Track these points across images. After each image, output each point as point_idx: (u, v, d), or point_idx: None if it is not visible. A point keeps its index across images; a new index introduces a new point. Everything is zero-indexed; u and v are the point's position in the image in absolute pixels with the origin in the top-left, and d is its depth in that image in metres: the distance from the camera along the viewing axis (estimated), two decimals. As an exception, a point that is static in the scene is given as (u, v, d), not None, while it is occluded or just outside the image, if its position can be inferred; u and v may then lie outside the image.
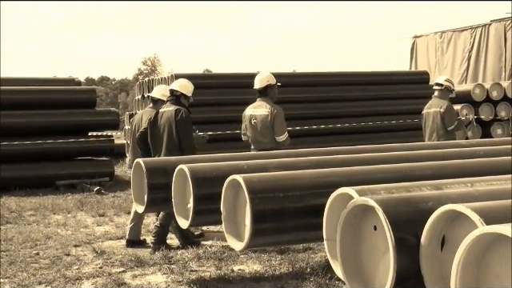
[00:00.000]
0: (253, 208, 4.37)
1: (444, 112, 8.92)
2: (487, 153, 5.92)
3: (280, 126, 7.43)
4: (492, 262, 2.82)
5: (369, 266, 3.67)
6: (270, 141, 7.45)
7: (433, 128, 9.02)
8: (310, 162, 5.48)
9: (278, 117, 7.42)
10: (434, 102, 9.20)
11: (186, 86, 7.46)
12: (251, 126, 7.59)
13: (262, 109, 7.52)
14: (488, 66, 22.19)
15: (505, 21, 21.92)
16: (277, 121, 7.41)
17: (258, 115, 7.52)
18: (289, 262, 6.09)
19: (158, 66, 71.43)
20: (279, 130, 7.43)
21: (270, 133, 7.44)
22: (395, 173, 4.86)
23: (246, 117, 7.70)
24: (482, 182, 4.17)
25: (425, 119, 9.23)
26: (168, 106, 7.33)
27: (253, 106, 7.68)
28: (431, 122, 9.05)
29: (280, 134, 7.44)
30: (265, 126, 7.45)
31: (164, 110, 7.33)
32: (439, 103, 9.05)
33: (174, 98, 7.37)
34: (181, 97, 7.37)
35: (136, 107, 16.85)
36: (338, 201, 3.96)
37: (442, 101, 9.08)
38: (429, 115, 9.14)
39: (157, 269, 6.11)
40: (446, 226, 3.27)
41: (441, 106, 8.97)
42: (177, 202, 5.41)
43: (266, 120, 7.43)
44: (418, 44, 25.59)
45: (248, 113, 7.69)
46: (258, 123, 7.51)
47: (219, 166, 5.36)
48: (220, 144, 12.48)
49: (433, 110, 9.06)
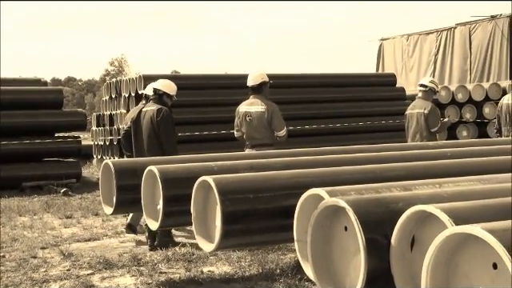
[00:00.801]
0: (223, 209, 4.36)
1: (428, 113, 8.94)
2: (454, 154, 5.99)
3: (279, 121, 7.65)
4: (461, 262, 2.86)
5: (339, 267, 3.69)
6: (264, 136, 7.64)
7: (416, 129, 9.04)
8: (281, 163, 5.49)
9: (275, 113, 7.62)
10: (417, 102, 9.23)
11: (169, 85, 7.56)
12: (246, 123, 7.71)
13: (257, 106, 7.67)
14: (454, 68, 22.51)
15: (470, 24, 22.26)
16: (275, 117, 7.61)
17: (253, 112, 7.66)
18: (259, 263, 6.09)
19: (126, 66, 70.98)
20: (279, 125, 7.64)
21: (266, 129, 7.62)
22: (366, 174, 4.89)
23: (240, 113, 7.81)
24: (450, 182, 4.22)
25: (408, 120, 9.25)
26: (150, 105, 7.40)
27: (247, 103, 7.80)
28: (415, 122, 9.07)
29: (280, 129, 7.65)
30: (261, 123, 7.61)
31: (147, 109, 7.39)
32: (423, 104, 9.06)
33: (156, 96, 7.45)
34: (163, 96, 7.47)
35: (103, 108, 16.72)
36: (309, 202, 3.98)
37: (425, 102, 9.11)
38: (412, 116, 9.15)
39: (125, 271, 6.05)
40: (415, 226, 3.30)
41: (425, 108, 8.98)
42: (146, 204, 5.37)
43: (262, 117, 7.59)
44: (384, 47, 25.84)
45: (242, 110, 7.80)
46: (253, 120, 7.65)
47: (189, 167, 5.34)
48: (187, 145, 12.43)
49: (416, 111, 9.08)
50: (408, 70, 24.29)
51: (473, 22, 22.11)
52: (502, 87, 16.21)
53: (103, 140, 16.38)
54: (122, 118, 14.99)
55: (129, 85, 14.45)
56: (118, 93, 15.40)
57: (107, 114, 16.26)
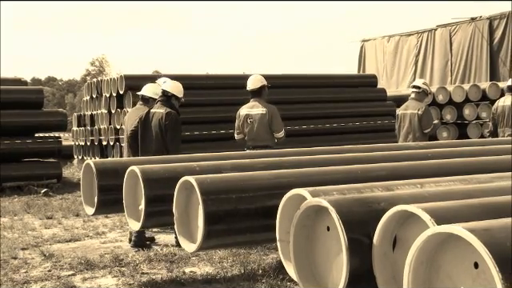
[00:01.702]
0: (205, 209, 4.36)
1: (422, 114, 9.06)
2: (435, 155, 6.04)
3: (278, 123, 8.01)
4: (443, 261, 2.88)
5: (322, 267, 3.70)
6: (265, 138, 7.97)
7: (409, 129, 9.16)
8: (263, 163, 5.50)
9: (275, 115, 7.99)
10: (410, 103, 9.34)
11: (178, 87, 7.65)
12: (247, 125, 8.03)
13: (257, 108, 8.00)
14: (435, 69, 22.69)
15: (450, 26, 22.44)
16: (275, 119, 7.98)
17: (254, 114, 8.00)
18: (241, 263, 6.08)
19: (107, 66, 70.61)
20: (278, 127, 8.01)
21: (266, 130, 7.95)
22: (348, 174, 4.91)
23: (242, 116, 8.11)
24: (432, 183, 4.25)
25: (400, 120, 9.35)
26: (159, 106, 7.47)
27: (247, 106, 8.13)
28: (407, 123, 9.18)
29: (279, 130, 8.02)
30: (262, 124, 7.94)
31: (155, 110, 7.46)
32: (416, 105, 9.19)
33: (165, 98, 7.52)
34: (172, 98, 7.55)
35: (84, 108, 16.63)
36: (291, 202, 3.99)
37: (419, 103, 9.25)
38: (405, 116, 9.26)
39: (107, 272, 6.02)
40: (397, 226, 3.32)
41: (418, 109, 9.10)
42: (128, 204, 5.35)
43: (263, 119, 7.94)
44: (366, 48, 25.99)
45: (243, 112, 8.11)
46: (254, 122, 7.98)
47: (172, 167, 5.33)
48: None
49: (410, 112, 9.19)
50: (389, 71, 24.44)
51: (453, 24, 22.30)
52: (481, 88, 16.34)
53: (84, 140, 16.30)
54: (103, 118, 14.93)
55: (110, 85, 14.38)
56: (98, 93, 15.32)
57: (88, 114, 16.17)
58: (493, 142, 8.41)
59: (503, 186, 4.10)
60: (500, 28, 20.62)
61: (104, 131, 14.83)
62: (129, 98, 13.48)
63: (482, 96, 16.18)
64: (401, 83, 23.64)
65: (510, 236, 2.57)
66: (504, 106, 10.50)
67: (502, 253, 2.47)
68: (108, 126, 14.59)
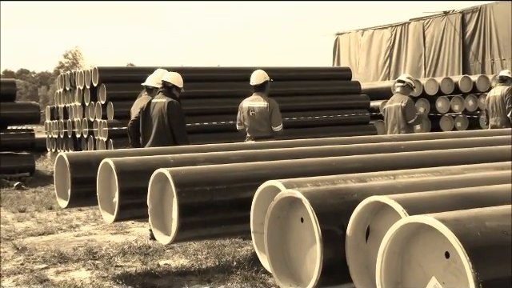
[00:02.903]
0: (180, 202, 4.35)
1: (405, 106, 9.49)
2: (408, 147, 6.09)
3: (277, 117, 8.36)
4: (415, 251, 2.91)
5: (296, 258, 3.72)
6: (266, 130, 8.32)
7: (394, 121, 9.58)
8: (238, 155, 5.50)
9: (275, 110, 8.35)
10: (395, 97, 9.83)
11: (178, 78, 7.78)
12: (249, 117, 8.37)
13: (259, 102, 8.34)
14: (408, 63, 22.86)
15: (423, 20, 22.60)
16: (274, 113, 8.33)
17: (256, 107, 8.34)
18: (215, 255, 6.09)
19: (80, 59, 69.99)
20: (276, 120, 8.35)
21: (267, 123, 8.30)
22: (322, 166, 4.94)
23: (244, 108, 8.45)
24: (405, 174, 4.29)
25: (386, 113, 9.81)
26: (160, 97, 7.58)
27: (250, 99, 8.47)
28: (393, 115, 9.61)
29: (277, 124, 8.35)
30: (263, 117, 8.29)
31: (157, 101, 7.57)
32: (400, 98, 9.63)
33: (165, 89, 7.64)
34: (172, 88, 7.67)
35: (57, 101, 16.47)
36: (266, 194, 4.00)
37: (403, 96, 9.67)
38: (390, 110, 9.70)
39: (81, 265, 5.99)
40: (370, 217, 3.35)
41: (402, 101, 9.54)
42: (102, 197, 5.32)
43: (265, 112, 8.29)
44: (340, 41, 26.08)
45: (246, 105, 8.45)
46: (256, 114, 8.32)
47: (146, 159, 5.31)
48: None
49: (394, 105, 9.64)
50: (363, 64, 24.57)
51: (426, 18, 22.48)
52: (454, 81, 16.50)
53: (57, 133, 16.15)
54: (76, 110, 14.81)
55: (83, 77, 14.26)
56: (72, 85, 15.19)
57: (61, 106, 16.03)
58: (465, 134, 8.53)
59: (474, 177, 4.16)
60: (472, 22, 20.83)
61: (78, 124, 14.71)
62: (102, 90, 13.38)
63: (454, 89, 16.35)
64: (375, 76, 23.79)
65: (480, 226, 2.60)
66: (495, 96, 11.26)
67: (472, 242, 2.51)
68: (82, 118, 14.48)
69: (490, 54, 20.27)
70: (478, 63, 20.64)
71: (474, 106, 16.36)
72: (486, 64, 20.38)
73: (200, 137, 11.91)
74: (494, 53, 20.20)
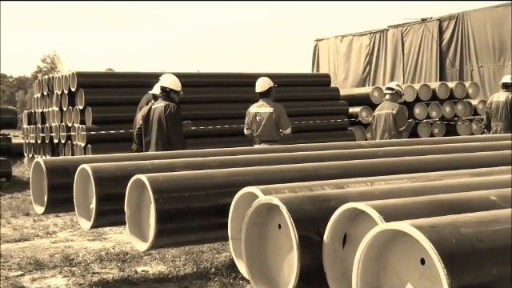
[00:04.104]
0: (157, 208, 4.34)
1: (396, 114, 9.68)
2: (386, 153, 6.13)
3: (286, 121, 8.74)
4: (391, 257, 2.92)
5: (273, 265, 3.72)
6: (272, 134, 8.70)
7: (384, 128, 9.74)
8: (216, 161, 5.50)
9: (282, 114, 8.73)
10: (385, 104, 9.99)
11: (175, 82, 8.01)
12: (256, 122, 8.77)
13: (266, 107, 8.74)
14: (387, 69, 23.01)
15: (401, 26, 22.78)
16: (282, 117, 8.71)
17: (262, 112, 8.73)
18: (193, 262, 6.07)
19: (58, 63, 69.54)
20: (285, 124, 8.73)
21: (273, 127, 8.68)
22: (300, 172, 4.95)
23: (251, 114, 8.86)
24: (382, 180, 4.32)
25: (376, 120, 9.96)
26: (159, 102, 7.87)
27: (257, 105, 8.88)
28: (383, 122, 9.77)
29: (286, 127, 8.74)
30: (269, 122, 8.67)
31: (156, 106, 7.85)
32: (391, 106, 9.80)
33: (164, 94, 7.89)
34: (171, 92, 7.91)
35: (35, 106, 16.34)
36: (243, 200, 4.00)
37: (393, 104, 9.85)
38: (380, 117, 9.86)
39: (57, 271, 5.93)
40: (347, 223, 3.36)
41: (393, 108, 9.71)
42: (79, 203, 5.28)
43: (271, 117, 8.67)
44: (319, 47, 26.19)
45: (253, 110, 8.86)
46: (263, 119, 8.70)
47: (123, 165, 5.28)
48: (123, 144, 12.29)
49: (384, 112, 9.79)
50: (342, 71, 24.70)
51: (404, 25, 22.67)
52: (431, 88, 16.64)
53: (35, 138, 16.01)
54: (54, 115, 14.70)
55: (61, 82, 14.16)
56: (50, 90, 15.08)
57: (39, 111, 15.89)
58: (443, 140, 8.60)
59: (451, 183, 4.20)
60: (449, 29, 21.04)
61: (55, 129, 14.60)
62: (81, 95, 13.30)
63: (432, 96, 16.49)
64: (354, 82, 23.92)
65: (455, 232, 2.62)
66: (498, 101, 11.54)
67: (447, 249, 2.53)
68: (59, 123, 14.38)
69: (469, 61, 20.48)
70: (455, 70, 20.83)
71: (451, 112, 16.51)
72: (464, 71, 20.59)
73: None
74: (471, 60, 20.41)
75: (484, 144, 7.05)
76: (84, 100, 13.19)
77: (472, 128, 16.68)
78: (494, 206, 3.37)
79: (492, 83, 19.71)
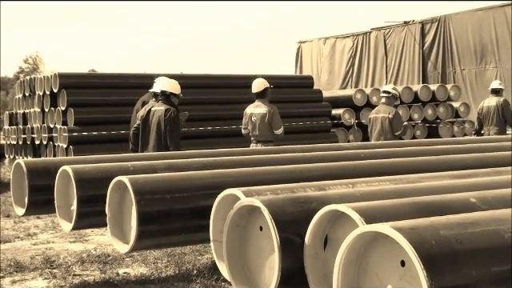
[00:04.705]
0: (139, 210, 4.32)
1: (392, 118, 9.77)
2: (368, 155, 6.15)
3: (277, 122, 8.93)
4: (372, 259, 2.93)
5: (255, 267, 3.72)
6: (266, 134, 8.91)
7: (380, 132, 9.83)
8: (198, 163, 5.49)
9: (275, 115, 8.93)
10: (381, 107, 10.09)
11: (175, 86, 8.19)
12: (251, 122, 9.00)
13: (260, 108, 8.96)
14: (370, 71, 23.10)
15: (384, 29, 22.89)
16: (274, 118, 8.91)
17: (257, 113, 8.97)
18: (175, 264, 6.05)
19: (40, 64, 69.04)
20: (277, 125, 8.93)
21: (267, 127, 8.88)
22: (282, 174, 4.95)
23: (247, 114, 9.12)
24: (363, 182, 4.33)
25: (372, 123, 10.06)
26: (160, 105, 8.02)
27: (253, 106, 9.13)
28: (379, 126, 9.86)
29: (277, 128, 8.93)
30: (263, 122, 8.87)
31: (156, 108, 8.00)
32: (387, 109, 9.89)
33: (164, 97, 8.05)
34: (170, 96, 8.09)
35: (16, 106, 16.22)
36: (225, 202, 3.99)
37: (389, 107, 9.95)
38: (376, 120, 9.94)
39: (38, 274, 5.89)
40: (328, 225, 3.37)
41: (389, 112, 9.80)
42: (60, 205, 5.25)
43: (264, 117, 8.88)
44: (302, 49, 26.24)
45: (249, 111, 9.12)
46: (257, 120, 8.93)
47: (105, 166, 5.25)
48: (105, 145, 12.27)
49: (381, 116, 9.88)
50: (325, 73, 24.76)
51: (387, 27, 22.77)
52: (413, 91, 16.75)
53: (16, 139, 15.90)
54: (35, 116, 14.61)
55: (43, 83, 14.08)
56: (31, 91, 14.98)
57: (20, 112, 15.79)
58: (425, 142, 8.65)
59: (431, 185, 4.23)
60: (431, 32, 21.17)
61: (37, 130, 14.51)
62: (63, 96, 13.23)
63: (414, 98, 16.59)
64: (337, 85, 23.99)
65: (434, 234, 2.64)
66: (489, 106, 11.75)
67: (427, 251, 2.54)
68: (41, 124, 14.29)
69: (451, 64, 20.61)
70: (437, 73, 20.96)
71: (433, 114, 16.63)
72: (446, 74, 20.72)
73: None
74: (454, 63, 20.55)
75: (465, 146, 7.10)
76: (66, 101, 13.12)
77: (453, 130, 16.81)
78: (473, 208, 3.39)
79: (474, 86, 19.87)
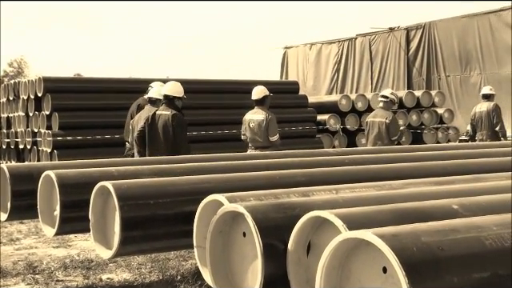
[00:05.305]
0: (122, 215, 4.30)
1: (389, 123, 9.86)
2: (352, 161, 6.17)
3: (273, 129, 9.16)
4: (354, 266, 2.94)
5: (238, 273, 3.72)
6: (263, 140, 9.11)
7: (377, 136, 9.91)
8: (182, 168, 5.47)
9: (271, 122, 9.15)
10: (378, 112, 10.21)
11: (178, 89, 8.31)
12: (249, 129, 9.24)
13: (258, 115, 9.21)
14: (356, 77, 23.19)
15: (369, 35, 23.00)
16: (271, 125, 9.12)
17: (255, 120, 9.22)
18: (159, 269, 6.04)
19: (25, 68, 68.61)
20: (272, 132, 9.15)
21: (264, 134, 9.10)
22: (267, 180, 4.95)
23: (246, 120, 9.35)
24: (347, 189, 4.34)
25: (369, 127, 10.12)
26: (164, 109, 8.15)
27: (251, 112, 9.40)
28: (376, 130, 9.95)
29: (273, 135, 9.14)
30: (260, 129, 9.11)
31: (161, 113, 8.13)
32: (384, 114, 9.99)
33: (167, 101, 8.17)
34: (174, 99, 8.20)
35: (0, 110, 16.12)
36: (209, 208, 3.99)
37: (386, 112, 10.06)
38: (374, 124, 10.02)
39: (20, 279, 5.85)
40: (311, 231, 3.37)
41: (386, 117, 9.89)
42: (43, 210, 5.21)
43: (261, 124, 9.11)
44: (288, 55, 26.30)
45: (247, 117, 9.36)
46: (255, 126, 9.17)
47: (88, 172, 5.23)
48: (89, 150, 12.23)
49: (378, 120, 9.96)
50: (311, 78, 24.83)
51: (372, 34, 22.88)
52: (399, 97, 16.81)
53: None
54: (20, 121, 14.53)
55: (28, 87, 14.01)
56: (16, 95, 14.90)
57: (4, 116, 15.70)
58: (409, 148, 8.69)
59: (414, 192, 4.24)
60: (416, 38, 21.30)
61: (21, 134, 14.43)
62: (47, 100, 13.17)
63: (398, 104, 16.65)
64: (322, 90, 24.06)
65: (416, 241, 2.65)
66: (481, 111, 12.01)
67: (409, 257, 2.55)
68: (25, 129, 14.22)
69: (436, 71, 20.74)
70: (422, 79, 21.09)
71: (417, 120, 16.72)
72: (431, 80, 20.84)
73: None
74: (439, 69, 20.68)
75: (449, 152, 7.14)
76: (50, 105, 13.07)
77: (438, 136, 16.91)
78: (456, 214, 3.41)
79: (459, 92, 20.00)
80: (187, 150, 7.90)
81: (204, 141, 13.84)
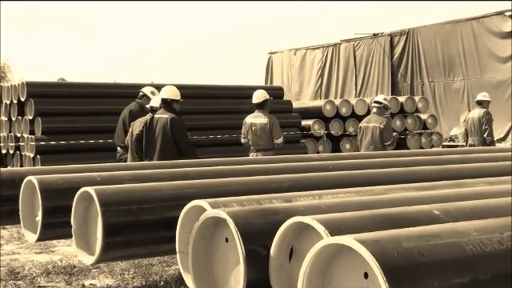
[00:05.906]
0: (105, 221, 4.28)
1: (383, 128, 9.93)
2: (335, 166, 6.19)
3: (278, 131, 9.42)
4: (336, 271, 2.95)
5: (220, 278, 3.71)
6: (266, 143, 9.35)
7: (370, 141, 9.97)
8: (166, 174, 5.46)
9: (275, 125, 9.41)
10: (372, 117, 10.25)
11: (174, 92, 8.33)
12: (252, 132, 9.45)
13: (260, 118, 9.42)
14: (340, 83, 23.29)
15: (354, 41, 23.11)
16: (275, 128, 9.38)
17: (257, 123, 9.41)
18: (142, 275, 6.02)
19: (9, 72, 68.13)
20: (277, 134, 9.40)
21: (267, 137, 9.34)
22: (250, 185, 4.94)
23: (247, 124, 9.56)
24: (330, 194, 4.35)
25: (362, 132, 10.19)
26: (162, 112, 8.19)
27: (252, 116, 9.59)
28: (369, 135, 10.01)
29: (278, 137, 9.41)
30: (263, 132, 9.34)
31: (159, 116, 8.16)
32: (378, 119, 10.03)
33: (165, 105, 8.21)
34: (172, 103, 8.23)
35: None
36: (191, 213, 3.98)
37: (380, 117, 10.10)
38: (367, 129, 10.09)
39: (2, 285, 5.81)
40: (294, 237, 3.37)
41: (380, 123, 9.95)
42: (25, 216, 5.18)
43: (265, 127, 9.35)
44: (273, 60, 26.37)
45: (249, 121, 9.56)
46: (257, 130, 9.37)
47: (71, 177, 5.19)
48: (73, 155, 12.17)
49: (372, 125, 10.02)
50: (296, 84, 24.90)
51: (356, 39, 22.99)
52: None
53: (-18, 148, 15.67)
54: (2, 125, 14.42)
55: (10, 91, 13.92)
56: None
57: (-13, 121, 15.57)
58: (392, 154, 8.72)
59: (396, 197, 4.26)
60: (400, 44, 21.43)
61: (3, 139, 14.32)
62: (30, 105, 13.09)
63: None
64: (307, 95, 24.13)
65: (397, 246, 2.66)
66: (473, 117, 12.23)
67: (390, 263, 2.57)
68: (8, 133, 14.11)
69: (420, 76, 20.87)
70: (407, 84, 21.22)
71: (401, 126, 16.80)
72: (415, 85, 20.97)
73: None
74: (422, 75, 20.82)
75: (432, 158, 7.18)
76: (34, 110, 12.99)
77: (421, 142, 17.00)
78: (437, 220, 3.43)
79: (442, 98, 20.15)
80: (192, 152, 7.99)
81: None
